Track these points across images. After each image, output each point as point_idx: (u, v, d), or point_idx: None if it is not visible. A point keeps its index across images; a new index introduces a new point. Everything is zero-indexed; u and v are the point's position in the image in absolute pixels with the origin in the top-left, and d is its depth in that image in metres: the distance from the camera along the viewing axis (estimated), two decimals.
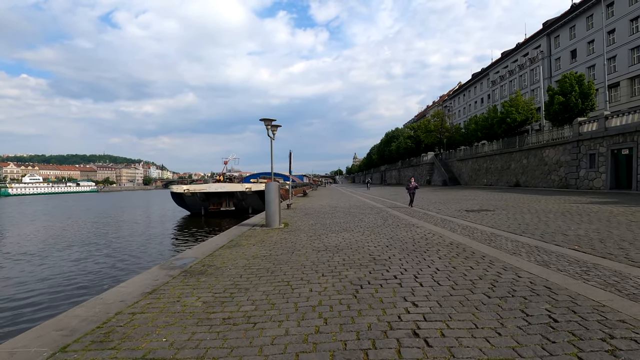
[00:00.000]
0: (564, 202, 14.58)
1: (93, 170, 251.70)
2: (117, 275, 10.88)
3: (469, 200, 17.43)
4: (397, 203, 17.87)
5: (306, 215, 13.10)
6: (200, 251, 6.90)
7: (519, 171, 30.63)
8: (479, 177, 38.93)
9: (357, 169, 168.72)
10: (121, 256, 13.85)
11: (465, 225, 9.00)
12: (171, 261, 6.12)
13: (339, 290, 4.04)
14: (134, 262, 12.70)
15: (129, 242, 17.43)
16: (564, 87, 27.23)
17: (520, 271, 4.54)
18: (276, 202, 10.18)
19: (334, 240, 7.50)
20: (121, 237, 19.00)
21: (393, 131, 78.65)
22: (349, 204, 18.70)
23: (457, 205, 15.21)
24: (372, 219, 11.09)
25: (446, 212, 12.50)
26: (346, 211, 14.28)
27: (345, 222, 10.53)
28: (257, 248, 6.93)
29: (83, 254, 14.72)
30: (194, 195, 28.43)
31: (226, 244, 7.53)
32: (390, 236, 7.68)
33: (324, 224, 10.46)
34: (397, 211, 13.55)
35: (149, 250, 15.18)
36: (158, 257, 12.98)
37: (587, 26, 45.39)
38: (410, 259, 5.43)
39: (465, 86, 79.02)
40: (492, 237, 7.07)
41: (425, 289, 3.97)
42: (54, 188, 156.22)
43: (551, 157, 26.32)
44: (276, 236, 8.41)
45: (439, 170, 46.34)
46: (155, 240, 18.03)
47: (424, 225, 9.30)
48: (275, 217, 10.16)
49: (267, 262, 5.65)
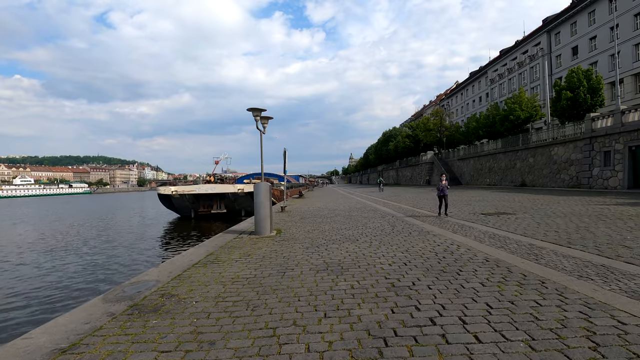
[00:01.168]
0: (587, 203, 13.24)
1: (86, 171, 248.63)
2: (64, 299, 9.02)
3: (480, 202, 16.06)
4: (402, 205, 16.45)
5: (302, 220, 11.65)
6: (168, 270, 5.42)
7: (524, 170, 29.33)
8: (482, 176, 37.63)
9: (353, 169, 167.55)
10: (88, 270, 12.00)
11: (490, 232, 7.59)
12: (123, 287, 4.63)
13: (351, 351, 2.59)
14: (98, 279, 10.81)
15: (104, 251, 15.79)
16: (572, 82, 26.00)
17: (614, 311, 3.12)
18: (267, 206, 8.72)
19: (336, 254, 6.06)
20: (97, 246, 17.19)
21: (390, 130, 77.35)
22: (348, 206, 17.27)
23: (468, 207, 13.83)
24: (378, 224, 9.66)
25: (460, 215, 11.10)
26: (346, 215, 12.84)
27: (347, 229, 9.10)
28: (240, 266, 5.47)
29: (46, 265, 13.11)
30: (182, 197, 26.67)
31: (202, 260, 6.05)
32: (405, 248, 6.25)
33: (323, 230, 9.02)
34: (403, 214, 12.14)
35: (123, 261, 13.55)
36: (128, 272, 11.38)
37: (589, 22, 44.40)
38: (443, 286, 3.99)
39: (462, 85, 78.05)
40: (535, 250, 5.66)
41: (488, 347, 2.54)
42: (46, 190, 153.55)
43: (560, 155, 25.01)
44: (266, 247, 6.96)
45: (439, 170, 45.00)
46: (135, 248, 16.42)
47: (441, 232, 7.88)
48: (265, 223, 8.70)
49: (248, 290, 4.20)
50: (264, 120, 9.55)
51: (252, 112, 8.76)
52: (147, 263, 12.53)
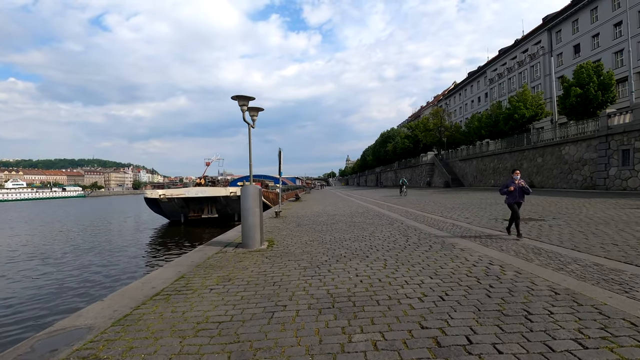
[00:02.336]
0: (617, 206, 11.87)
1: (80, 174, 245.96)
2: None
3: (493, 206, 14.68)
4: (409, 209, 15.02)
5: (298, 228, 10.19)
6: (113, 307, 3.94)
7: (532, 171, 27.98)
8: (485, 177, 36.29)
9: (350, 171, 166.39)
10: (41, 293, 9.88)
11: (531, 246, 6.17)
12: (33, 342, 3.15)
13: None
14: (38, 313, 8.28)
15: (78, 263, 14.14)
16: (581, 78, 24.77)
17: None
18: (256, 213, 7.27)
19: (343, 278, 4.61)
20: (71, 258, 15.28)
21: (389, 131, 76.06)
22: (349, 210, 15.84)
23: (483, 212, 12.43)
24: (388, 234, 8.23)
25: (480, 222, 9.69)
26: (349, 221, 11.40)
27: (353, 239, 7.65)
28: (214, 299, 4.01)
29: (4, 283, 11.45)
30: (171, 201, 24.93)
31: (167, 287, 4.59)
32: (433, 270, 4.81)
33: (323, 241, 7.57)
34: (413, 220, 10.72)
35: (94, 277, 11.81)
36: (88, 296, 9.72)
37: (592, 19, 43.45)
38: (519, 347, 2.54)
39: (461, 85, 77.16)
40: (611, 275, 4.23)
41: None
42: (39, 193, 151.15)
43: (572, 154, 23.68)
44: (253, 267, 5.51)
45: (440, 171, 43.73)
46: (113, 260, 14.76)
47: (469, 245, 6.45)
48: (254, 233, 7.25)
49: (217, 348, 2.74)
50: (252, 112, 8.09)
51: (238, 100, 7.29)
52: (117, 283, 10.84)
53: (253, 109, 8.10)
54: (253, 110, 8.12)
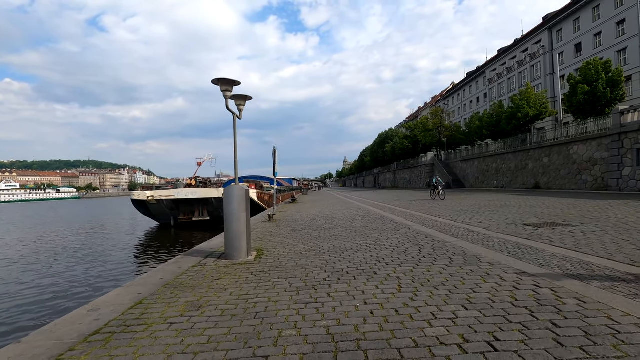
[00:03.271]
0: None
1: (75, 176, 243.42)
2: None
3: (504, 208, 13.61)
4: (413, 212, 13.92)
5: (293, 233, 9.06)
6: (28, 357, 2.80)
7: (538, 171, 26.95)
8: (488, 178, 35.27)
9: (347, 172, 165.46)
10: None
11: (575, 259, 5.06)
12: None
13: None
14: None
15: (55, 270, 12.97)
16: (588, 75, 23.82)
17: None
18: (242, 219, 6.15)
19: (347, 307, 3.48)
20: (46, 267, 13.98)
21: (387, 132, 75.02)
22: (348, 213, 14.72)
23: (495, 215, 11.35)
24: (396, 241, 7.11)
25: (497, 227, 8.59)
26: (349, 226, 10.27)
27: (356, 249, 6.53)
28: (170, 342, 2.87)
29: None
30: (159, 203, 23.59)
31: (114, 320, 3.44)
32: (464, 295, 3.69)
33: (321, 251, 6.45)
34: (420, 224, 9.61)
35: (60, 289, 10.63)
36: (43, 313, 8.53)
37: (594, 17, 42.76)
38: None
39: (459, 86, 76.46)
40: None
41: None
42: (32, 195, 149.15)
43: (581, 154, 22.65)
44: (232, 287, 4.38)
45: (441, 172, 42.68)
46: (92, 267, 13.59)
47: (497, 257, 5.33)
48: (239, 242, 6.12)
49: None
50: (239, 100, 6.96)
51: (220, 85, 6.16)
52: (79, 298, 9.58)
53: (239, 97, 6.96)
54: (239, 98, 6.98)
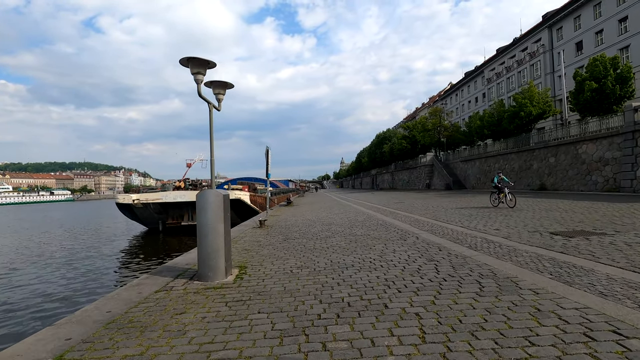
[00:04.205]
0: None
1: (70, 178, 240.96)
2: None
3: (516, 212, 12.52)
4: (418, 217, 12.79)
5: (285, 243, 7.90)
6: None
7: (544, 172, 25.91)
8: (490, 179, 34.29)
9: (345, 173, 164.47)
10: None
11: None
12: None
13: None
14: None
15: (18, 281, 11.73)
16: (596, 71, 22.88)
17: None
18: (219, 231, 4.98)
19: None
20: (14, 280, 12.97)
21: (385, 132, 74.03)
22: (347, 217, 13.58)
23: (509, 220, 10.25)
24: (404, 255, 5.97)
25: (519, 237, 7.47)
26: (348, 233, 9.12)
27: (358, 267, 5.36)
28: None
29: None
30: (146, 206, 22.25)
31: None
32: (522, 349, 2.56)
33: (316, 269, 5.29)
34: (429, 232, 8.47)
35: (17, 307, 9.41)
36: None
37: (595, 15, 42.00)
38: None
39: (457, 86, 75.68)
40: None
41: None
42: (25, 197, 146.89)
43: (591, 153, 21.63)
44: (195, 329, 3.21)
45: (440, 173, 41.66)
46: (64, 278, 12.34)
47: (541, 282, 4.19)
48: (215, 260, 4.95)
49: None
50: (217, 88, 5.78)
51: (190, 67, 4.97)
52: (45, 318, 8.34)
53: (218, 85, 5.77)
54: (219, 86, 5.80)
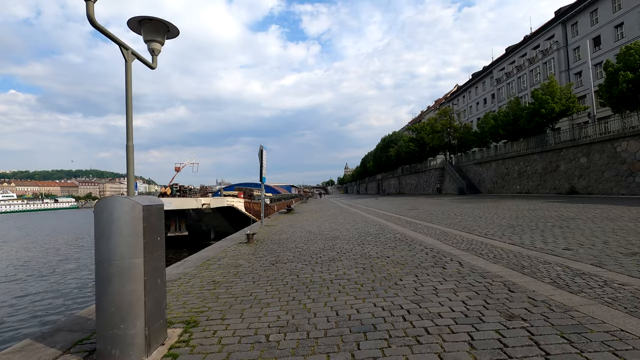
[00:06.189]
0: None
1: (74, 185, 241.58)
2: None
3: (569, 221, 10.14)
4: (443, 228, 10.45)
5: (272, 270, 5.61)
6: None
7: (573, 173, 23.36)
8: (508, 183, 31.72)
9: (349, 178, 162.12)
10: None
11: None
12: None
13: None
14: None
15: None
16: (630, 61, 20.51)
17: None
18: (133, 273, 2.72)
19: None
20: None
21: (390, 135, 71.68)
22: (355, 228, 11.28)
23: (574, 234, 7.92)
24: (455, 299, 3.67)
25: (612, 261, 5.14)
26: (359, 254, 6.83)
27: (384, 336, 3.08)
28: None
29: None
30: None
31: None
32: None
33: (308, 336, 3.00)
34: (464, 251, 6.16)
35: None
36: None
37: (614, 8, 39.66)
38: None
39: (464, 87, 73.46)
40: None
41: None
42: (29, 205, 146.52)
43: (632, 151, 19.09)
44: None
45: (452, 177, 39.18)
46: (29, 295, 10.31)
47: None
48: (126, 325, 2.69)
49: None
50: (149, 34, 3.62)
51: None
52: None
53: (150, 30, 3.61)
54: (151, 32, 3.63)
